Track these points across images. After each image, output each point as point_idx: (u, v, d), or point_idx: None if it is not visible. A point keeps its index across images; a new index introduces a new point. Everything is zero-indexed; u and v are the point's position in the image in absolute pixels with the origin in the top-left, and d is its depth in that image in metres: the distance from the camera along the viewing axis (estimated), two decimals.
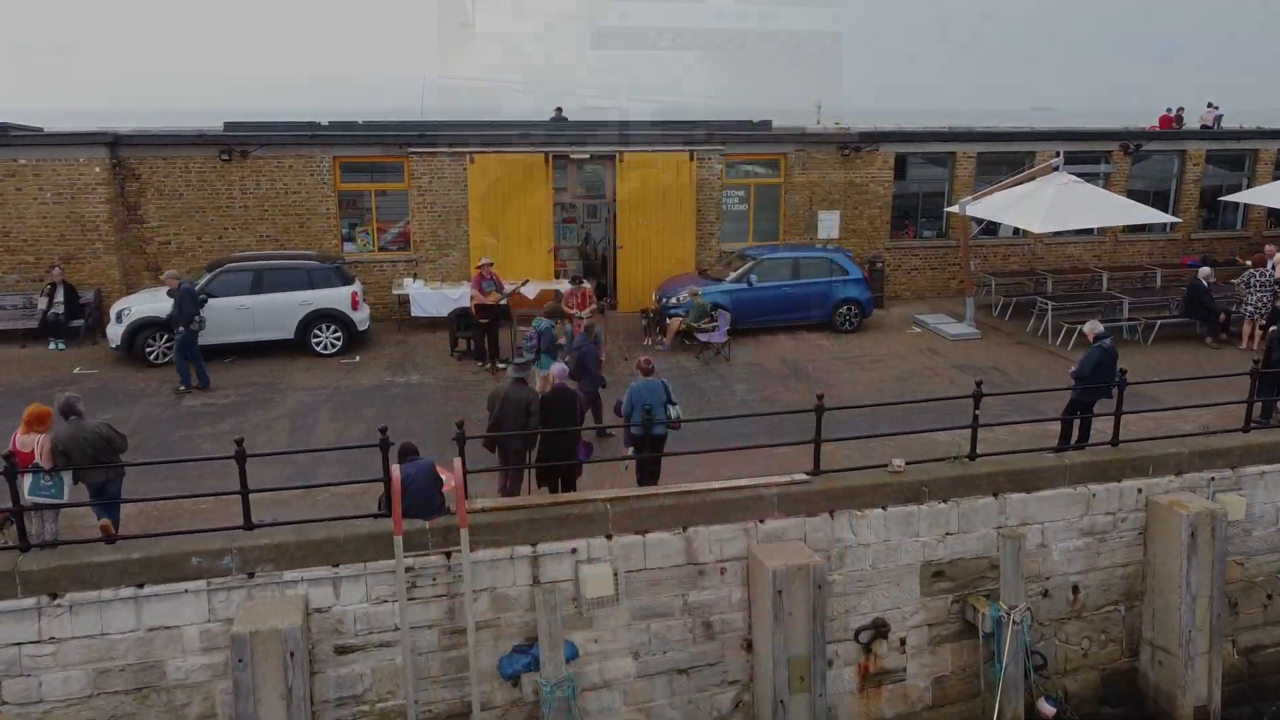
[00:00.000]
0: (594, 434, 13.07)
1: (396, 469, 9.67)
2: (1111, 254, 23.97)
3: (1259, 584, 12.75)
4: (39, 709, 9.29)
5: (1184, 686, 11.70)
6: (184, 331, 15.61)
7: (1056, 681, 11.94)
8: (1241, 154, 25.42)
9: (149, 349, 16.87)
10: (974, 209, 20.15)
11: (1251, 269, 18.51)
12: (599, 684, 10.60)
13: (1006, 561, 11.15)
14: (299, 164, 19.87)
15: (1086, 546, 11.96)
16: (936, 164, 23.43)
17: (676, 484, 10.98)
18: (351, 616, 9.83)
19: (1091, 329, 13.04)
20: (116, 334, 16.87)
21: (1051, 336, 18.90)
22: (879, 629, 11.32)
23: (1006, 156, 23.38)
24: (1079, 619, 12.09)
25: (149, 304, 17.04)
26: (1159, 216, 21.42)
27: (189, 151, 19.52)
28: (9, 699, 9.25)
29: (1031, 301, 20.68)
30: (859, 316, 19.78)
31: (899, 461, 11.48)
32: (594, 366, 13.55)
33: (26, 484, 9.43)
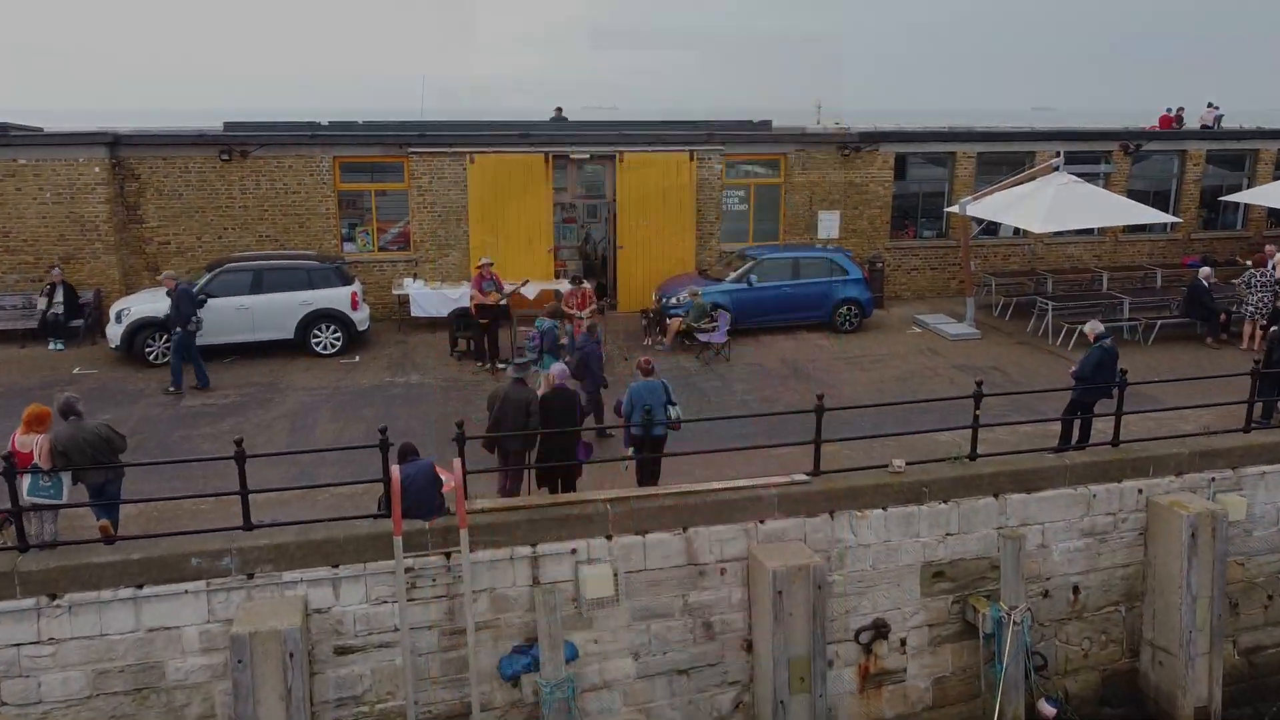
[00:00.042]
0: (594, 434, 13.08)
1: (396, 469, 9.66)
2: (1112, 254, 23.96)
3: (1260, 584, 12.74)
4: (38, 710, 9.28)
5: (1184, 687, 11.69)
6: (181, 332, 15.59)
7: (1057, 682, 11.93)
8: (1241, 154, 25.40)
9: (148, 349, 16.86)
10: (974, 209, 20.14)
11: (1252, 269, 18.49)
12: (599, 685, 10.59)
13: (1007, 562, 11.14)
14: (299, 164, 19.86)
15: (1087, 547, 11.96)
16: (936, 164, 23.41)
17: (676, 484, 10.97)
18: (351, 617, 9.82)
19: (1092, 329, 13.04)
20: (116, 334, 16.87)
21: (1052, 336, 18.89)
22: (879, 629, 11.31)
23: (1006, 156, 23.36)
24: (1079, 619, 12.09)
25: (148, 304, 17.03)
26: (1159, 216, 21.41)
27: (189, 151, 19.52)
28: (8, 700, 9.24)
29: (1032, 301, 20.67)
30: (859, 316, 19.77)
31: (899, 462, 11.47)
32: (597, 366, 13.57)
33: (26, 484, 9.42)
